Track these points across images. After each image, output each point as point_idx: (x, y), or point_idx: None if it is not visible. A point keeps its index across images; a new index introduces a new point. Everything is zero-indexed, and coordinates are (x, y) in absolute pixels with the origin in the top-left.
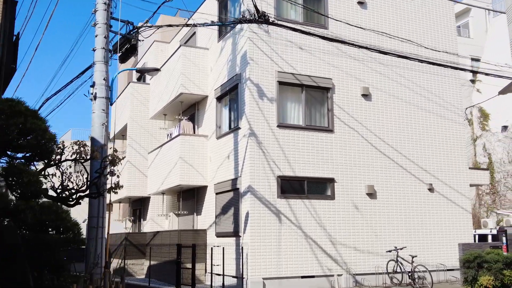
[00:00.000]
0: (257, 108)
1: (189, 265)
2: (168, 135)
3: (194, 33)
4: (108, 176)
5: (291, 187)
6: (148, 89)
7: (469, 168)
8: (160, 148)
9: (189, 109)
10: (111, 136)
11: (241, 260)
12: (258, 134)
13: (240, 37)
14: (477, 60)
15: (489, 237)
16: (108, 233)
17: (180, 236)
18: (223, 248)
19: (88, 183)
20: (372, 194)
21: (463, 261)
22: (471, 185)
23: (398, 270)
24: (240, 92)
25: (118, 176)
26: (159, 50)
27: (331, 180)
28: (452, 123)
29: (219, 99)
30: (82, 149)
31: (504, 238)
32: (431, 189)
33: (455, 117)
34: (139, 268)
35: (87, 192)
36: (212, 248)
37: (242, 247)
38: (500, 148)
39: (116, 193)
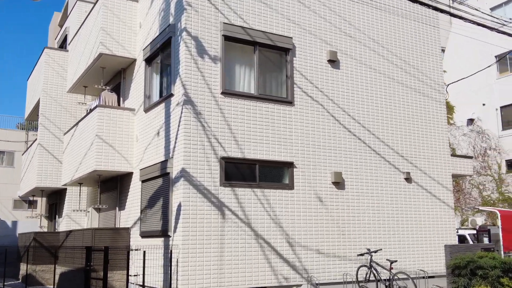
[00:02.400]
0: (196, 68)
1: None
2: (87, 110)
3: None
4: None
5: (239, 172)
6: (68, 57)
7: (451, 155)
8: (76, 126)
9: (114, 79)
10: (25, 116)
11: (169, 267)
12: (197, 102)
13: None
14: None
15: (456, 238)
16: None
17: (95, 236)
18: (144, 251)
19: None
20: (339, 183)
21: (452, 267)
22: (453, 176)
23: (372, 278)
24: (174, 49)
25: None
26: (83, 12)
27: (290, 165)
28: (432, 101)
29: (148, 61)
30: None
31: (486, 239)
32: (408, 179)
33: (435, 94)
34: (51, 275)
35: None
36: (129, 252)
37: (171, 250)
38: (465, 143)
39: None
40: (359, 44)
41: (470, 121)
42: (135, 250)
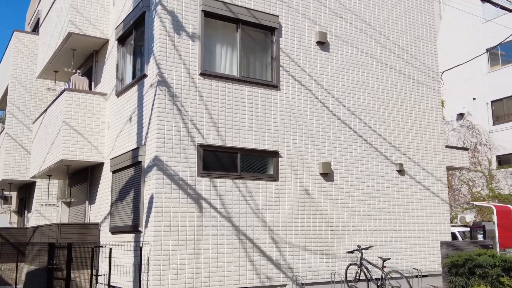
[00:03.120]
0: (172, 46)
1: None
2: (56, 96)
3: None
4: None
5: (219, 161)
6: (38, 41)
7: (446, 146)
8: (45, 113)
9: (86, 63)
10: None
11: (138, 266)
12: (172, 83)
13: None
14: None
15: (450, 235)
16: None
17: (61, 232)
18: (110, 249)
19: None
20: (327, 175)
21: (449, 265)
22: (448, 168)
23: (363, 277)
24: (148, 25)
25: None
26: None
27: (275, 154)
28: (427, 88)
29: (121, 40)
30: None
31: (480, 236)
32: (401, 171)
33: (430, 81)
34: (18, 274)
35: None
36: (93, 250)
37: (141, 247)
38: (455, 138)
39: None
40: (350, 25)
41: (460, 115)
42: (101, 247)
